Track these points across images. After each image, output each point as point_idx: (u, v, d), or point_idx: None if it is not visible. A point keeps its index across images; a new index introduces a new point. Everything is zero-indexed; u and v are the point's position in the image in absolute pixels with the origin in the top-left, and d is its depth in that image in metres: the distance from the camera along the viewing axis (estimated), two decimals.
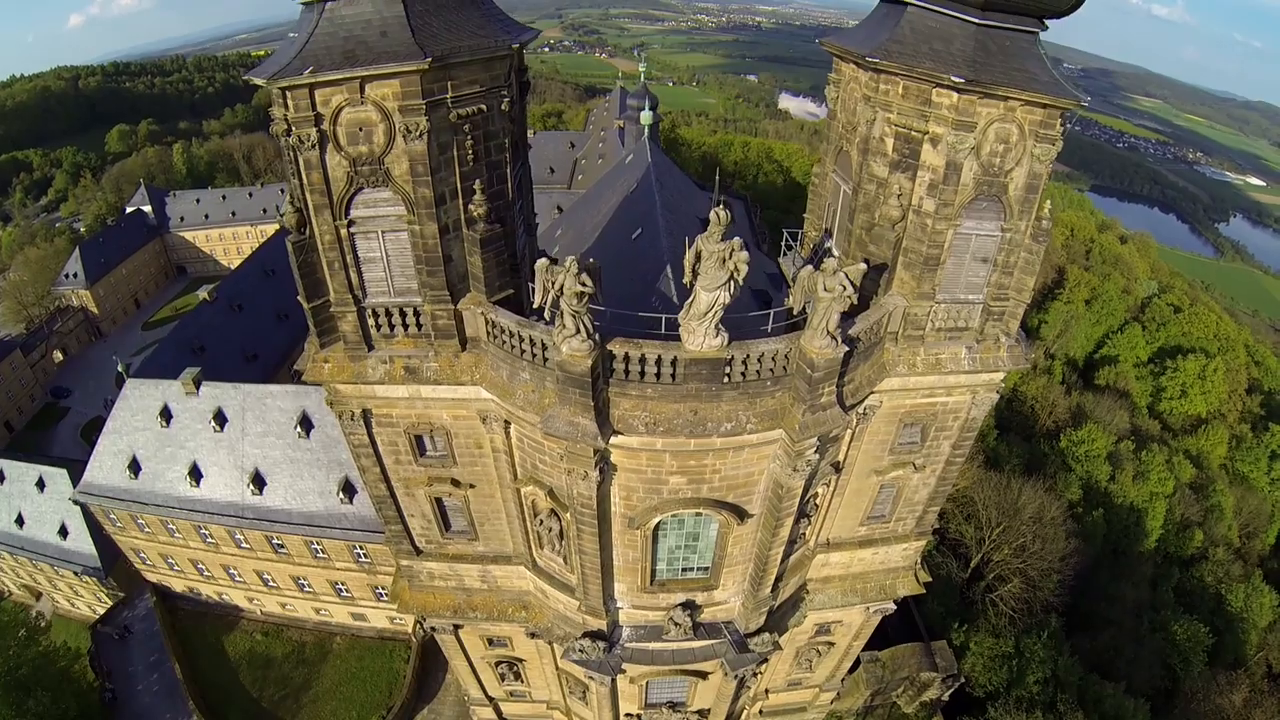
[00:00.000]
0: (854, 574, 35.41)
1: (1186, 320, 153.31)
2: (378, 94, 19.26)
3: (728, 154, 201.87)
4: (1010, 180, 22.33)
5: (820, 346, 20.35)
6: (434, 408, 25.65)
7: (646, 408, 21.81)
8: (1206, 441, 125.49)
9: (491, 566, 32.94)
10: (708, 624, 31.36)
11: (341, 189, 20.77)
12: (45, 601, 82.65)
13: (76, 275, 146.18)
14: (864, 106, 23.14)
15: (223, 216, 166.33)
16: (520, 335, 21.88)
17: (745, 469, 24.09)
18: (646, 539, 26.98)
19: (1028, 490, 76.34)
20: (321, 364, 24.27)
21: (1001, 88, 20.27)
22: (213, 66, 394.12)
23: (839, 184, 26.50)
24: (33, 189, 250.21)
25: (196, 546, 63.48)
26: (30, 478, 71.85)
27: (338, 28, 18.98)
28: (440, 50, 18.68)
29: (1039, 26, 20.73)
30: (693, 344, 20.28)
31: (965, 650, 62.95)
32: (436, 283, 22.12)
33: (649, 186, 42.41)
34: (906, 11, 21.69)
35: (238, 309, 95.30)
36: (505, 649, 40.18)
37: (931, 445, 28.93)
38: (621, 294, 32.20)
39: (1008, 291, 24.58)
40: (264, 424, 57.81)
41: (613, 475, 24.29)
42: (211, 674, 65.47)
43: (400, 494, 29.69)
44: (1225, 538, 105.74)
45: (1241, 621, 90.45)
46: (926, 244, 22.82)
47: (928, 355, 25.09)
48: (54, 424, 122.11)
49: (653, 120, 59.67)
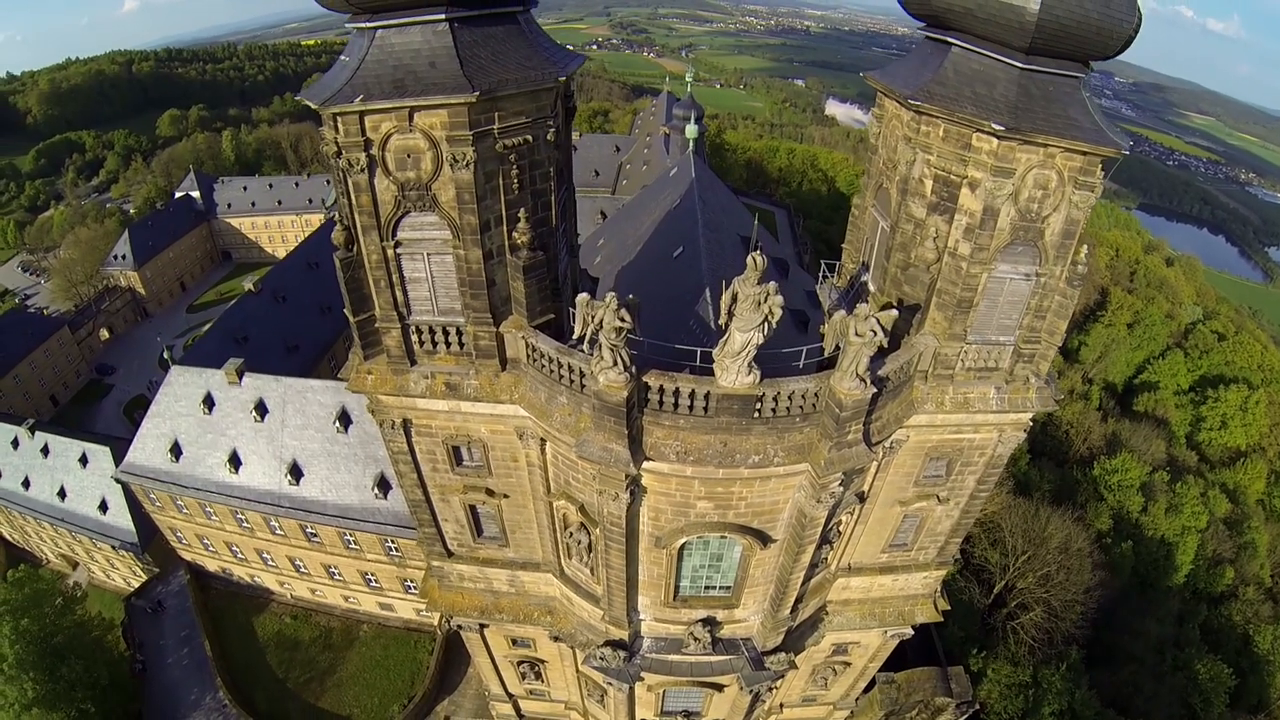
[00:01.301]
0: (874, 598, 35.58)
1: (1230, 349, 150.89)
2: (426, 123, 19.85)
3: (772, 160, 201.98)
4: (1047, 226, 22.25)
5: (849, 388, 20.77)
6: (472, 421, 26.34)
7: (678, 437, 22.39)
8: (1244, 476, 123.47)
9: (520, 572, 33.61)
10: (726, 640, 31.80)
11: (389, 212, 21.45)
12: (82, 571, 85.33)
13: (125, 257, 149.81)
14: (905, 147, 23.15)
15: (269, 205, 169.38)
16: (560, 362, 22.52)
17: (771, 497, 24.57)
18: (672, 558, 27.57)
19: (1055, 519, 75.80)
20: (365, 375, 25.11)
21: (1042, 135, 20.20)
22: (263, 55, 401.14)
23: (878, 219, 26.63)
24: (85, 170, 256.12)
25: (232, 530, 65.13)
26: (74, 453, 74.37)
27: (387, 55, 19.53)
28: (488, 84, 19.20)
29: (1083, 70, 20.54)
30: (726, 380, 20.81)
31: (982, 677, 62.81)
32: (479, 305, 22.82)
33: (692, 204, 42.98)
34: (951, 52, 21.55)
35: (281, 300, 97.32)
36: (528, 649, 40.88)
37: (956, 479, 29.09)
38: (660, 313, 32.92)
39: (1039, 334, 24.60)
40: (303, 417, 59.19)
41: (642, 497, 24.88)
42: (240, 653, 67.23)
43: (435, 500, 30.45)
44: (1257, 576, 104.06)
45: (1268, 664, 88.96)
46: (960, 286, 22.90)
47: (956, 394, 25.26)
48: (98, 400, 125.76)
49: (697, 134, 60.06)
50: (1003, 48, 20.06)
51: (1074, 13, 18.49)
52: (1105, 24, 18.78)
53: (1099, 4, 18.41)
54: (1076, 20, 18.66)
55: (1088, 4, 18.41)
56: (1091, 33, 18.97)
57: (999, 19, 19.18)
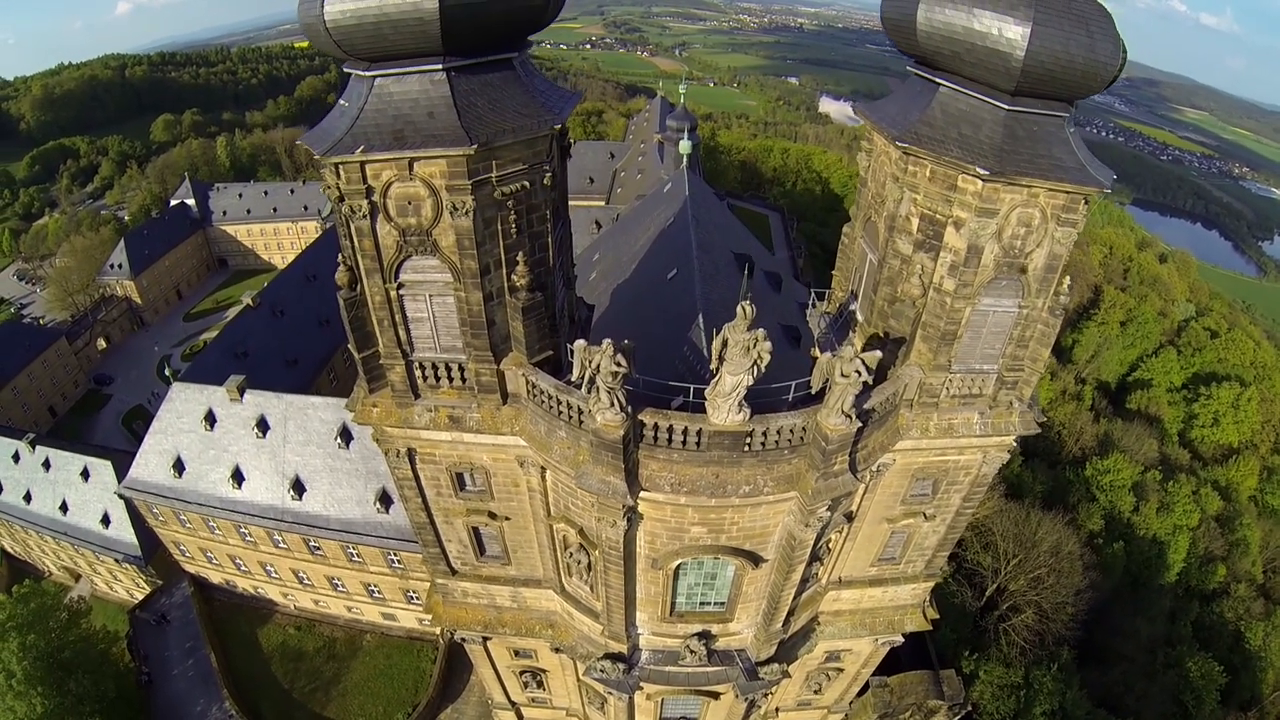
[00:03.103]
0: (864, 609, 36.48)
1: (1223, 346, 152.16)
2: (426, 172, 20.45)
3: (767, 160, 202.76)
4: (1030, 261, 22.77)
5: (835, 424, 21.62)
6: (475, 450, 27.18)
7: (672, 470, 23.29)
8: (1236, 472, 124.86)
9: (522, 589, 34.48)
10: (722, 652, 32.70)
11: (391, 256, 22.12)
12: (85, 583, 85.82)
13: (121, 266, 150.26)
14: (893, 185, 23.70)
15: (264, 212, 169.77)
16: (559, 399, 23.38)
17: (761, 522, 25.47)
18: (668, 577, 28.54)
19: (1046, 523, 76.79)
20: (370, 408, 25.94)
21: (1025, 178, 20.71)
22: (256, 58, 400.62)
23: (866, 251, 27.31)
24: (79, 176, 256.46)
25: (235, 544, 65.93)
26: (75, 467, 75.04)
27: (386, 104, 20.00)
28: (485, 135, 19.75)
29: (1067, 109, 20.81)
30: (717, 418, 21.69)
31: (974, 678, 63.65)
32: (480, 344, 23.63)
33: (686, 223, 43.67)
34: (939, 92, 21.90)
35: (280, 314, 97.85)
36: (530, 660, 41.70)
37: (942, 498, 29.97)
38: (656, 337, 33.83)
39: (1023, 361, 25.30)
40: (305, 433, 60.01)
41: (639, 522, 25.76)
42: (245, 664, 67.98)
43: (439, 522, 31.33)
44: (1249, 573, 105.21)
45: (1260, 660, 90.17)
46: (945, 320, 23.60)
47: (941, 420, 26.03)
48: (96, 410, 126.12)
49: (690, 150, 60.82)
50: (989, 89, 20.51)
51: (1059, 57, 18.92)
52: (1090, 66, 19.21)
53: (1084, 48, 18.83)
54: (1062, 64, 19.07)
55: (1073, 48, 18.81)
56: (1076, 75, 19.41)
57: (986, 63, 19.68)
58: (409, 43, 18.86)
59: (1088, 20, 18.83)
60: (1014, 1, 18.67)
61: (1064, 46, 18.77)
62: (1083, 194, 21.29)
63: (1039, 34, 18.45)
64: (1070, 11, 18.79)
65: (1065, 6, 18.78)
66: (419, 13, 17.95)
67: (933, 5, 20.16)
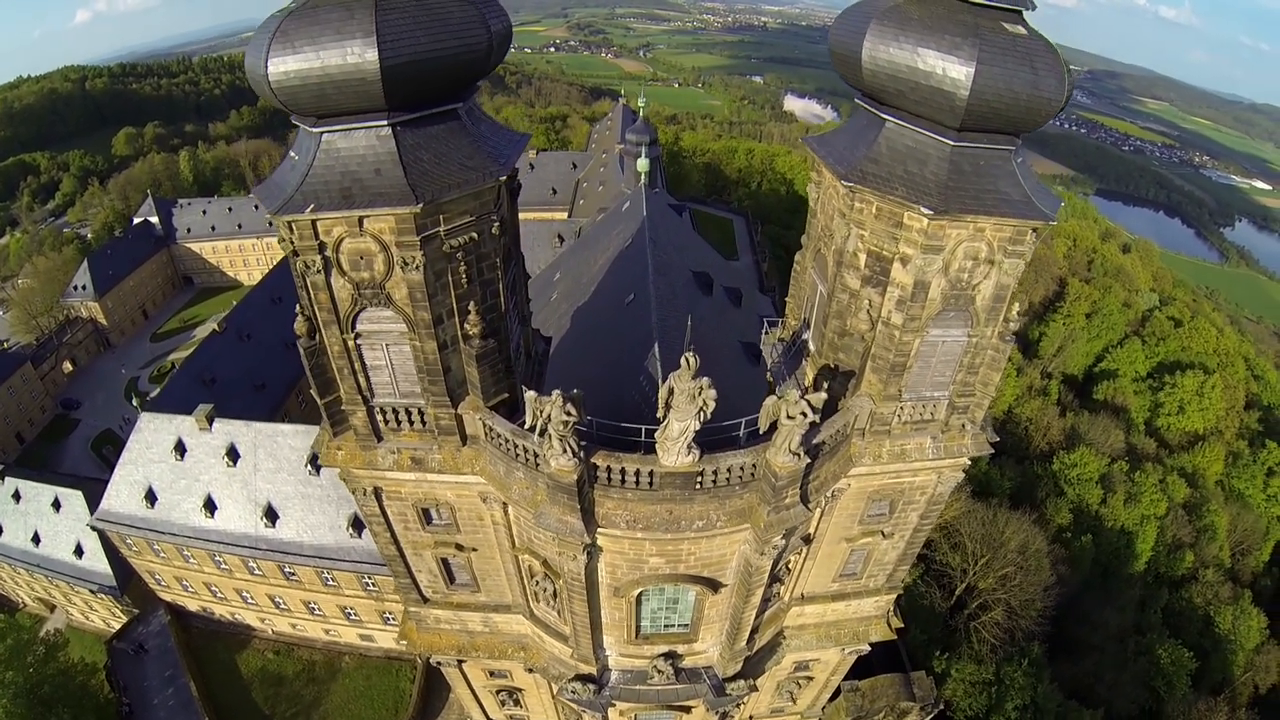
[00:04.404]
0: (829, 622, 37.20)
1: (1186, 335, 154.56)
2: (375, 228, 20.75)
3: (731, 161, 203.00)
4: (978, 292, 23.03)
5: (783, 462, 22.24)
6: (439, 488, 27.68)
7: (627, 508, 23.89)
8: (1203, 459, 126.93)
9: (492, 614, 35.02)
10: (689, 669, 33.46)
11: (347, 308, 22.48)
12: (60, 614, 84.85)
13: (85, 287, 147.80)
14: (840, 221, 23.86)
15: (229, 228, 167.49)
16: (514, 443, 23.95)
17: (718, 551, 26.12)
18: (631, 604, 29.15)
19: (1014, 522, 77.96)
20: (335, 450, 26.31)
21: (970, 215, 20.87)
22: (218, 68, 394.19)
23: (816, 281, 27.73)
24: (40, 193, 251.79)
25: (211, 571, 65.67)
26: (46, 498, 73.96)
27: (334, 160, 20.14)
28: (431, 193, 20.08)
29: (1014, 142, 20.94)
30: (667, 460, 22.28)
31: (946, 677, 64.77)
32: (438, 390, 24.05)
33: (643, 245, 44.31)
34: (885, 127, 22.00)
35: (246, 338, 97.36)
36: (505, 679, 42.23)
37: (900, 516, 30.69)
38: (612, 364, 34.50)
39: (973, 387, 25.81)
40: (275, 460, 59.96)
41: (599, 555, 26.35)
42: (225, 691, 67.77)
43: (409, 554, 31.80)
44: (1217, 558, 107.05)
45: (1229, 643, 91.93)
46: (894, 353, 24.03)
47: (894, 446, 26.62)
48: (65, 436, 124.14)
49: (649, 167, 61.35)
50: (935, 125, 20.67)
51: (1003, 96, 19.17)
52: (1034, 103, 19.43)
53: (1028, 85, 19.04)
54: (1006, 102, 19.30)
55: (1017, 86, 19.02)
56: (1021, 111, 19.66)
57: (930, 101, 19.90)
58: (353, 101, 19.13)
59: (1032, 57, 19.05)
60: (958, 41, 18.85)
61: (1008, 85, 18.99)
62: (1030, 226, 21.52)
63: (983, 73, 18.70)
64: (1014, 50, 19.01)
65: (1009, 45, 19.00)
66: (361, 73, 18.26)
67: (877, 43, 20.38)
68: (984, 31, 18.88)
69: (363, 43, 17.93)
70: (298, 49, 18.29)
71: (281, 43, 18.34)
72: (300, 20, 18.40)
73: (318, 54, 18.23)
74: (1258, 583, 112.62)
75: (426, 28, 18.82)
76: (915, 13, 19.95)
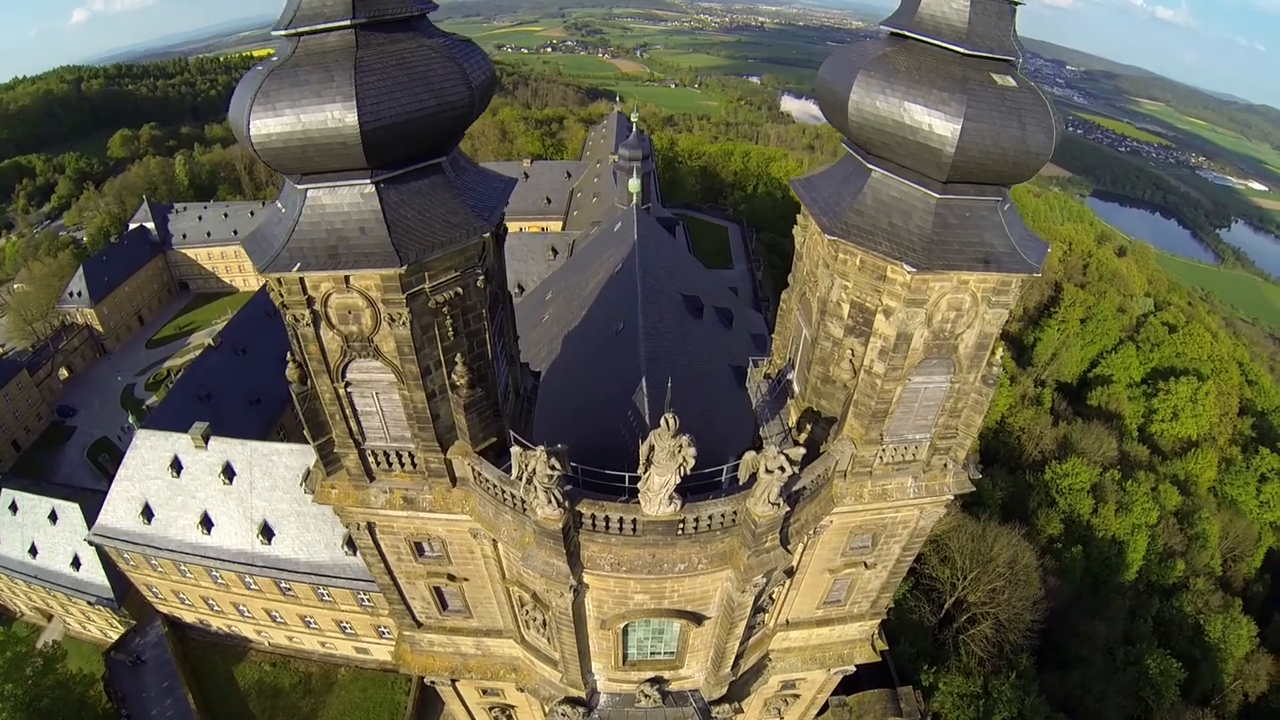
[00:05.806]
0: (814, 645, 37.71)
1: (1181, 340, 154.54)
2: (361, 285, 21.07)
3: (727, 164, 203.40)
4: (961, 341, 23.05)
5: (763, 511, 22.76)
6: (431, 524, 28.33)
7: (612, 551, 24.46)
8: (1195, 465, 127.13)
9: (485, 638, 35.71)
10: (675, 693, 34.07)
11: (337, 359, 22.92)
12: (57, 624, 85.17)
13: (80, 294, 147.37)
14: (824, 270, 23.82)
15: (224, 234, 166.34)
16: (502, 489, 24.59)
17: (701, 588, 26.71)
18: (617, 635, 29.89)
19: (1003, 536, 78.26)
20: (329, 489, 26.91)
21: (954, 271, 20.79)
22: (215, 68, 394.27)
23: (801, 324, 27.82)
24: (35, 196, 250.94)
25: (208, 586, 66.24)
26: (43, 510, 74.23)
27: (320, 218, 20.35)
28: (415, 253, 20.35)
29: (1000, 194, 20.78)
30: (649, 510, 22.86)
31: (935, 690, 65.20)
32: (427, 435, 24.61)
33: (633, 270, 44.86)
34: (871, 176, 21.73)
35: (241, 353, 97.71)
36: (498, 697, 42.77)
37: (882, 549, 31.18)
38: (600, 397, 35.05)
39: (955, 428, 25.96)
40: (271, 479, 60.51)
41: (585, 591, 27.01)
42: (222, 702, 68.47)
43: (403, 582, 32.49)
44: (1208, 566, 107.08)
45: (1219, 652, 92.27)
46: (876, 400, 24.23)
47: (875, 487, 26.94)
48: (61, 444, 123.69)
49: (640, 188, 61.77)
50: (921, 177, 20.46)
51: (990, 152, 18.90)
52: (1022, 158, 19.20)
53: (1016, 140, 18.77)
54: (993, 157, 19.07)
55: (1004, 141, 18.75)
56: (1009, 166, 19.47)
57: (917, 155, 19.66)
58: (335, 162, 19.31)
59: (1021, 111, 18.77)
60: (945, 96, 18.58)
61: (995, 141, 18.75)
62: (1014, 278, 21.51)
63: (970, 130, 18.44)
64: (1003, 104, 18.71)
65: (998, 98, 18.70)
66: (341, 136, 18.38)
67: (864, 95, 20.00)
68: (972, 85, 18.67)
69: (342, 106, 17.99)
70: (279, 111, 18.40)
71: (263, 104, 18.43)
72: (281, 81, 18.47)
73: (298, 117, 18.32)
74: (1249, 590, 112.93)
75: (406, 88, 18.80)
76: (903, 64, 19.66)
